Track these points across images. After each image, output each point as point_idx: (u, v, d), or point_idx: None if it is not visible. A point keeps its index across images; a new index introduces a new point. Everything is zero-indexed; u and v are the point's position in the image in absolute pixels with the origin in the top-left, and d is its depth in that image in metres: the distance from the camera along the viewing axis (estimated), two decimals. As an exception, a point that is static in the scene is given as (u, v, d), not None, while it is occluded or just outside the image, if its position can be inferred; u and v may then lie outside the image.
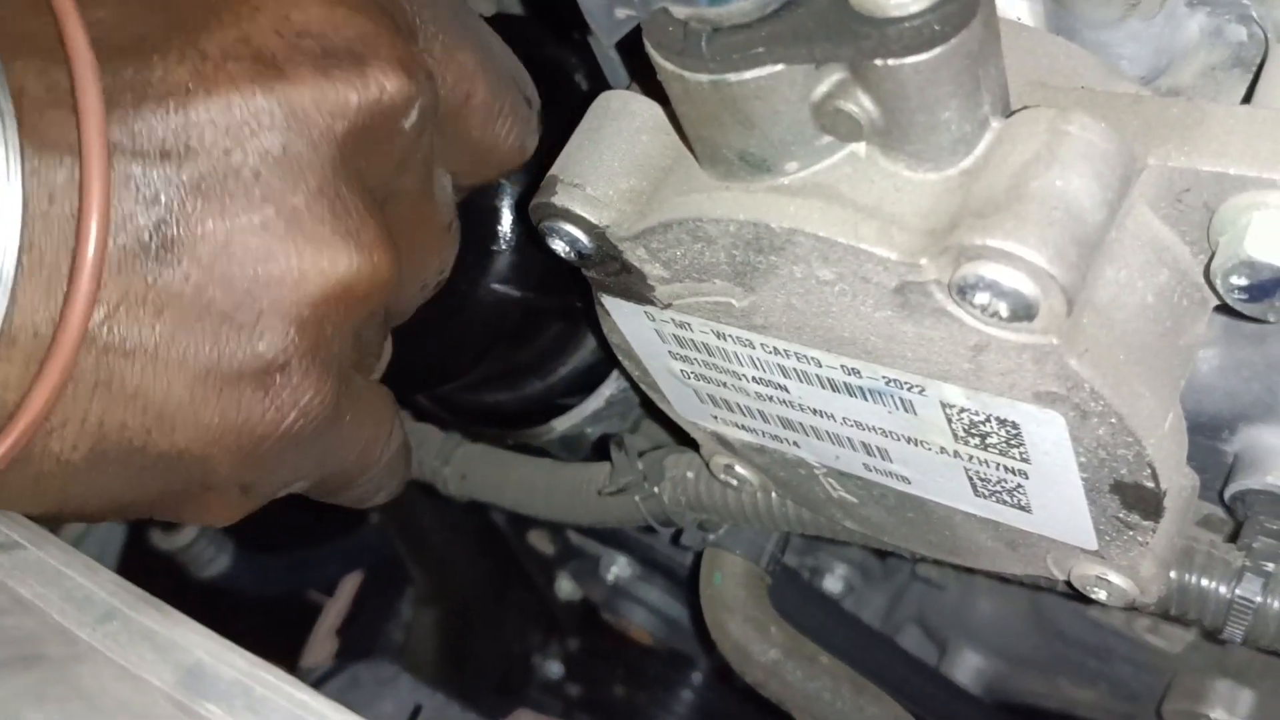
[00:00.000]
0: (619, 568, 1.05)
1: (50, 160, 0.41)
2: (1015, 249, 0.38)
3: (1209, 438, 0.64)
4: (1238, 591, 0.58)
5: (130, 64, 0.42)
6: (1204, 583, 0.59)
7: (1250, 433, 0.62)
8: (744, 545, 0.76)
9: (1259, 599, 0.58)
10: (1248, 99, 0.44)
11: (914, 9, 0.37)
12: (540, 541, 1.17)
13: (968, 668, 1.17)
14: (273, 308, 0.45)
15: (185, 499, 0.49)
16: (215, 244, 0.44)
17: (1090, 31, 0.46)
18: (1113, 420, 0.43)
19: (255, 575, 1.53)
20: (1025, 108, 0.41)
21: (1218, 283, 0.41)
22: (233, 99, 0.43)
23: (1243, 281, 0.40)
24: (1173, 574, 0.59)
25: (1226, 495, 0.63)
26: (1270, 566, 0.58)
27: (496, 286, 0.69)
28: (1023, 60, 0.46)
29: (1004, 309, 0.40)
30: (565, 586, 1.19)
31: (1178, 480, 0.47)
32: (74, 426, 0.44)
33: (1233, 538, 0.62)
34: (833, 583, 1.14)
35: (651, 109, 0.50)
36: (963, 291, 0.40)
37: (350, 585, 1.63)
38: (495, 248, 0.68)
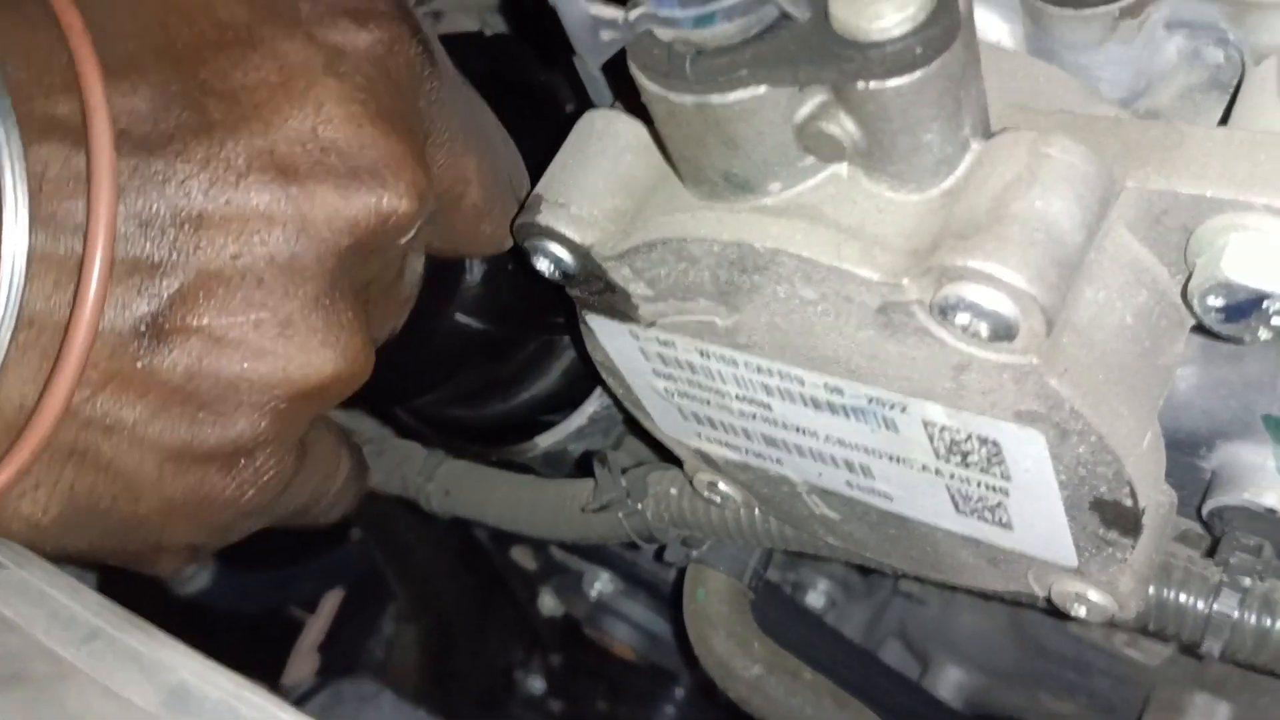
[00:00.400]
0: (602, 584, 1.05)
1: (58, 244, 0.42)
2: (996, 270, 0.39)
3: (1187, 454, 0.65)
4: (1215, 606, 0.59)
5: (155, 160, 0.44)
6: (1182, 598, 0.59)
7: (1228, 450, 0.63)
8: (727, 561, 0.77)
9: (1236, 614, 0.58)
10: (1224, 121, 0.45)
11: (896, 33, 0.38)
12: (523, 557, 1.17)
13: (949, 682, 1.18)
14: (251, 401, 0.47)
15: (138, 555, 0.52)
16: (208, 338, 0.45)
17: (1070, 54, 0.46)
18: (1092, 439, 0.43)
19: (236, 592, 1.53)
20: (1006, 130, 0.42)
21: (1195, 303, 0.41)
22: (249, 207, 0.44)
23: (1219, 302, 0.41)
24: (1151, 590, 0.59)
25: (1204, 511, 0.63)
26: (1247, 582, 0.59)
27: (460, 317, 0.69)
28: (1004, 83, 0.46)
29: (985, 329, 0.40)
30: (548, 602, 1.19)
31: (1156, 497, 0.48)
32: (46, 491, 0.45)
33: (1210, 553, 0.62)
34: (815, 598, 1.14)
35: (636, 129, 0.51)
36: (944, 312, 0.41)
37: (332, 602, 1.62)
38: (467, 279, 0.69)
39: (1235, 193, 0.40)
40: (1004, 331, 0.40)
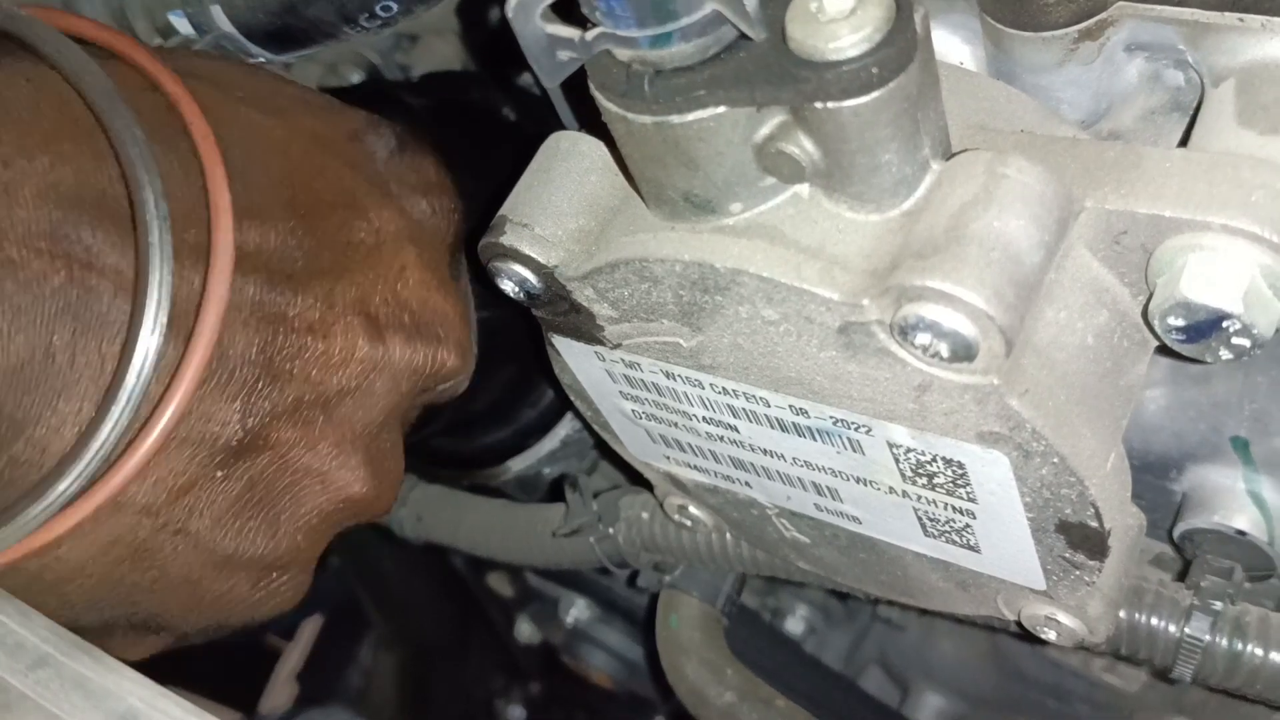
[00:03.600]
0: (578, 610, 1.05)
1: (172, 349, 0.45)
2: (954, 290, 0.39)
3: (1158, 477, 0.65)
4: (1186, 630, 0.58)
5: (273, 291, 0.48)
6: (1153, 622, 0.59)
7: (1198, 472, 0.63)
8: (700, 587, 0.76)
9: (1207, 637, 0.58)
10: (1184, 142, 0.45)
11: (852, 54, 0.38)
12: (499, 584, 1.16)
13: (929, 709, 1.17)
14: (298, 516, 0.51)
15: (126, 635, 0.53)
16: (278, 456, 0.49)
17: (1030, 76, 0.47)
18: (1055, 460, 0.43)
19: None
20: (965, 151, 0.42)
21: (1156, 324, 0.41)
22: (341, 346, 0.50)
23: (1179, 322, 0.40)
24: (1122, 613, 0.59)
25: (1175, 534, 0.63)
26: (1218, 605, 0.59)
27: None
28: (964, 104, 0.46)
29: (944, 349, 0.40)
30: (525, 629, 1.18)
31: (1124, 520, 0.48)
32: (97, 578, 0.47)
33: (1182, 576, 0.62)
34: (794, 624, 1.14)
35: (600, 150, 0.51)
36: (904, 332, 0.40)
37: (310, 629, 1.60)
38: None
39: (1193, 213, 0.40)
40: (963, 351, 0.40)
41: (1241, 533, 0.60)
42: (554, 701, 1.36)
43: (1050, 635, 0.54)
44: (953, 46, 0.49)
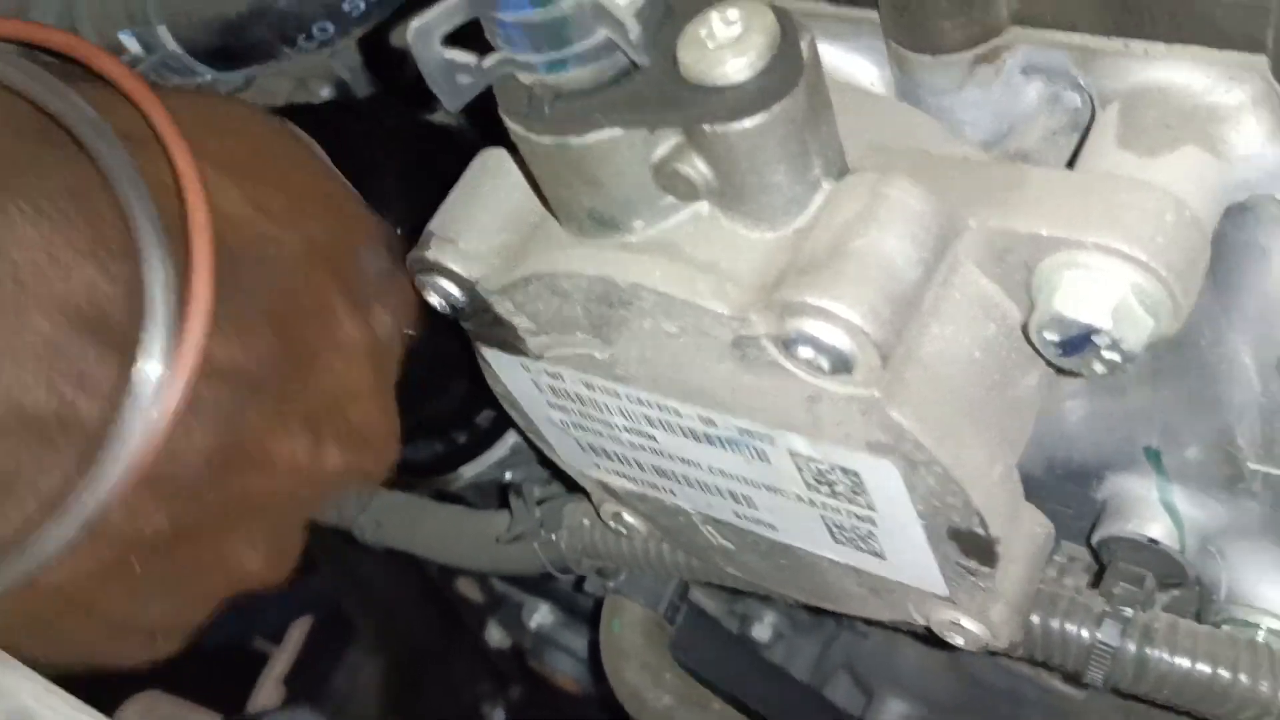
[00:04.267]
0: (541, 615, 1.06)
1: None
2: (831, 305, 0.40)
3: (1080, 485, 0.66)
4: (1098, 636, 0.60)
5: (234, 399, 0.49)
6: (1066, 627, 0.60)
7: (1116, 481, 0.65)
8: (643, 592, 0.78)
9: (1117, 644, 0.59)
10: (1072, 163, 0.47)
11: (737, 79, 0.40)
12: (469, 589, 1.18)
13: (892, 714, 1.18)
14: (194, 594, 0.54)
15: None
16: (196, 548, 0.51)
17: (933, 98, 0.48)
18: (938, 470, 0.44)
19: (192, 622, 1.52)
20: (854, 171, 0.44)
21: (1034, 338, 0.43)
22: (285, 454, 0.52)
23: (1054, 337, 0.42)
24: (1036, 619, 0.61)
25: (1093, 541, 0.65)
26: (1129, 612, 0.60)
27: None
28: (866, 125, 0.48)
29: (825, 363, 0.42)
30: (495, 634, 1.19)
31: (1016, 528, 0.49)
32: None
33: (1097, 583, 0.64)
34: (761, 630, 1.15)
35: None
36: (788, 346, 0.42)
37: (299, 632, 1.62)
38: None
39: (1068, 231, 0.41)
40: (842, 364, 0.41)
41: (1154, 541, 0.62)
42: (532, 704, 1.37)
43: (958, 640, 0.56)
44: (862, 69, 0.51)
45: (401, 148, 0.75)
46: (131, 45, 0.61)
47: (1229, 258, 0.49)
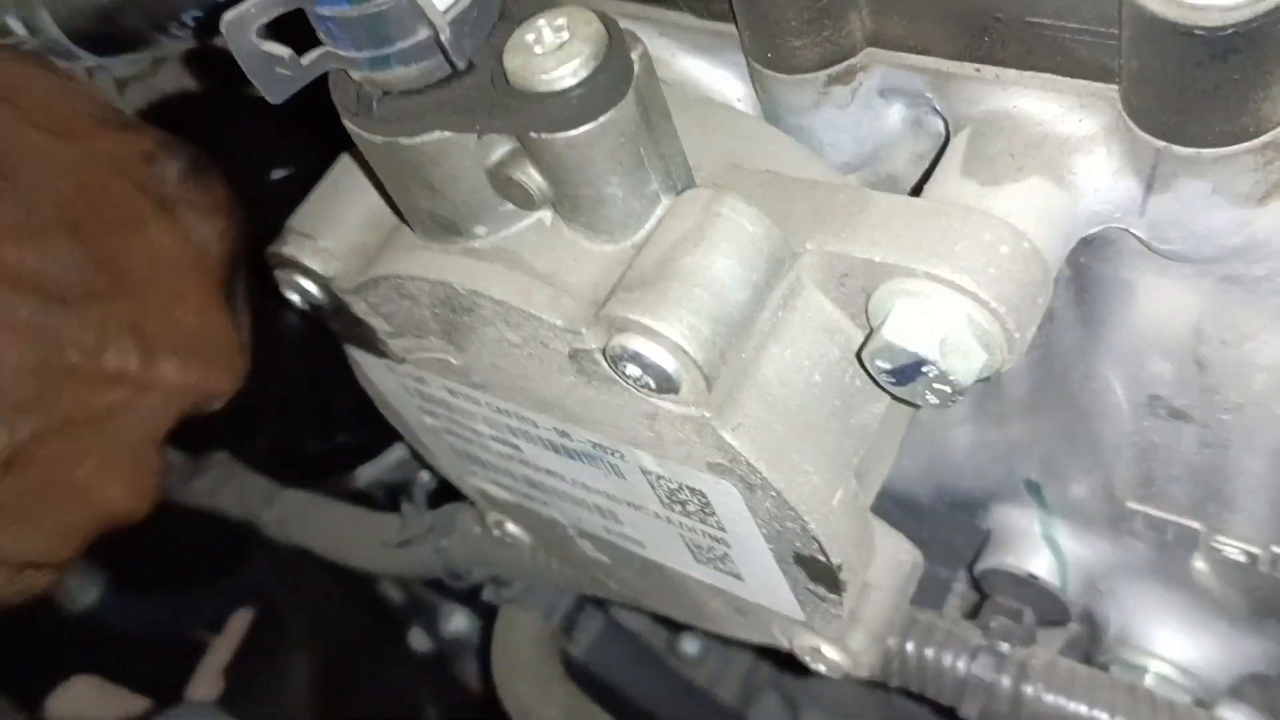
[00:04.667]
0: (456, 621, 1.05)
1: None
2: (652, 324, 0.39)
3: (968, 514, 0.65)
4: (973, 669, 0.59)
5: (50, 314, 0.49)
6: (941, 659, 0.59)
7: (1001, 512, 0.64)
8: (538, 602, 0.77)
9: (991, 678, 0.58)
10: (918, 190, 0.45)
11: (560, 86, 0.39)
12: (391, 591, 1.17)
13: (816, 733, 1.17)
14: (57, 525, 0.53)
15: None
16: (44, 470, 0.50)
17: (791, 117, 0.47)
18: (773, 494, 0.43)
19: (129, 610, 1.51)
20: (691, 188, 0.43)
21: (868, 365, 0.42)
22: (114, 365, 0.51)
23: (886, 365, 0.41)
24: (910, 648, 0.60)
25: (975, 572, 0.64)
26: (1005, 646, 0.59)
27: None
28: (724, 142, 0.47)
29: (651, 381, 0.41)
30: (417, 638, 1.18)
31: (861, 555, 0.48)
32: None
33: (975, 615, 0.62)
34: (689, 644, 1.14)
35: (389, 167, 0.51)
36: (616, 362, 0.41)
37: (239, 623, 1.60)
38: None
39: (900, 259, 0.40)
40: (666, 384, 0.40)
41: (1033, 576, 0.61)
42: (464, 709, 1.36)
43: (819, 667, 0.55)
44: (730, 85, 0.50)
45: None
46: (17, 28, 0.60)
47: (1094, 292, 0.48)
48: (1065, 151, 0.42)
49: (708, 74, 0.50)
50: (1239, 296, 0.44)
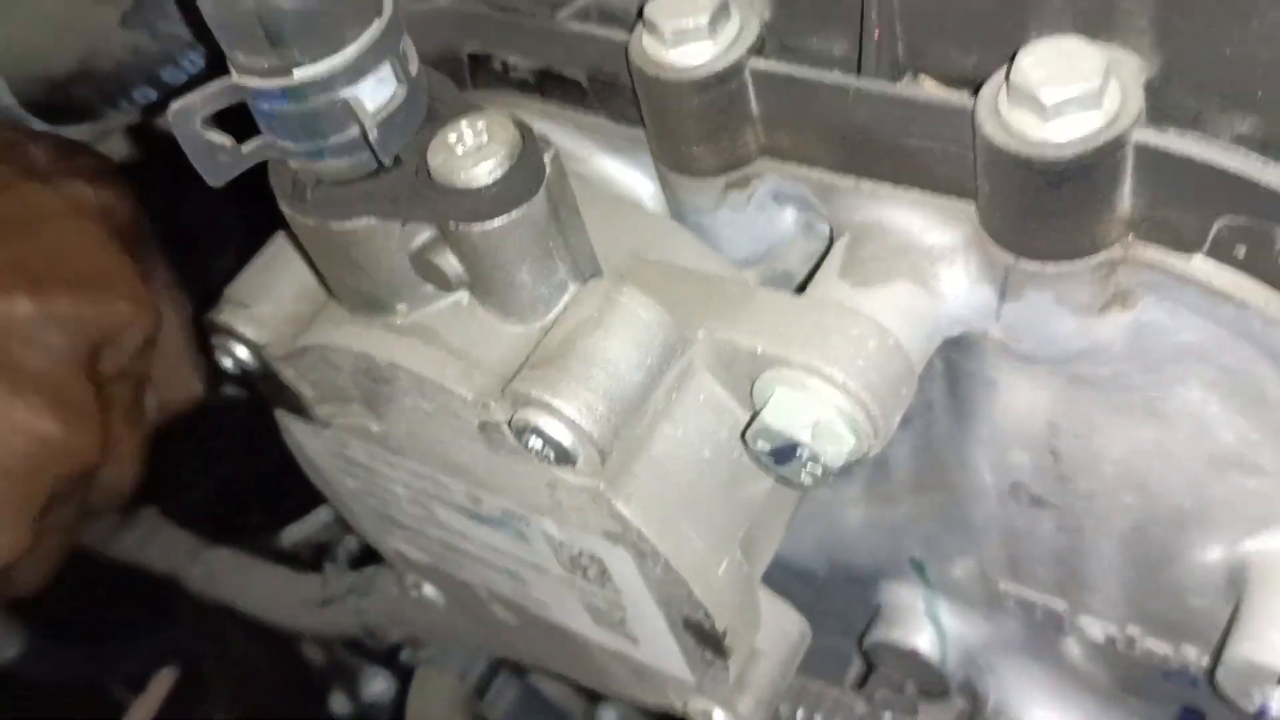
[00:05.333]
0: (377, 685, 1.07)
1: None
2: (552, 400, 0.43)
3: (859, 588, 0.69)
4: (856, 737, 0.62)
5: None
6: (826, 727, 0.63)
7: (890, 588, 0.68)
8: (453, 664, 0.79)
9: (871, 746, 0.62)
10: (803, 286, 0.50)
11: (478, 184, 0.43)
12: (312, 652, 1.18)
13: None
14: None
15: None
16: None
17: (694, 216, 0.52)
18: (662, 561, 0.47)
19: (51, 664, 1.50)
20: (595, 278, 0.47)
21: (749, 446, 0.46)
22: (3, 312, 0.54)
23: (765, 446, 0.45)
24: (800, 714, 0.63)
25: (864, 645, 0.68)
26: (888, 715, 0.63)
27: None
28: (630, 236, 0.51)
29: (551, 453, 0.44)
30: (338, 701, 1.19)
31: (747, 622, 0.52)
32: None
33: (863, 684, 0.66)
34: (607, 714, 1.16)
35: (324, 243, 0.55)
36: (520, 434, 0.45)
37: (163, 682, 1.59)
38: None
39: (780, 350, 0.44)
40: (564, 456, 0.44)
41: (914, 651, 0.64)
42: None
43: (711, 731, 0.58)
44: (640, 183, 0.55)
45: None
46: (-30, 90, 0.63)
47: (964, 385, 0.53)
48: (930, 260, 0.46)
49: (620, 172, 0.54)
50: (1087, 394, 0.49)
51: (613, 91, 0.52)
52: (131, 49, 0.58)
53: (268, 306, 0.55)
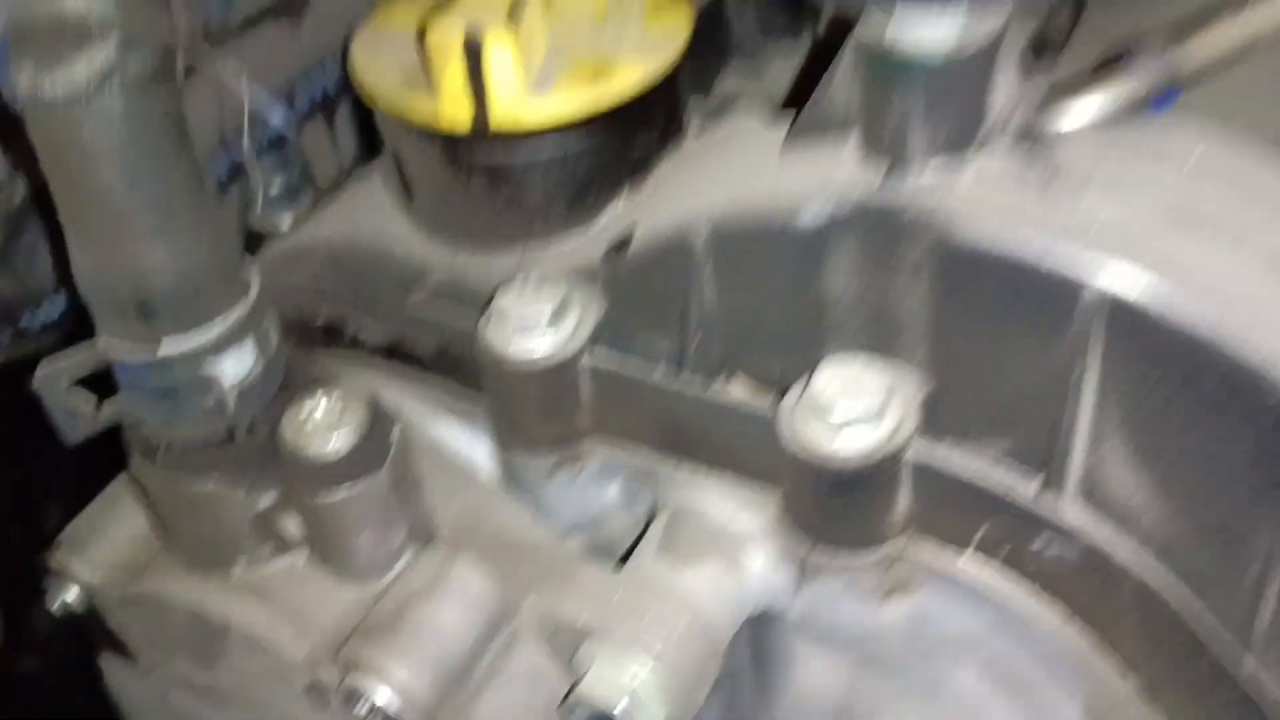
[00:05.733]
0: None
1: None
2: (382, 667, 0.45)
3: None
4: None
5: None
6: None
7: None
8: None
9: None
10: (627, 554, 0.54)
11: (325, 459, 0.46)
12: None
13: None
14: None
15: None
16: None
17: (527, 486, 0.56)
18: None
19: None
20: (431, 546, 0.50)
21: (568, 717, 0.49)
22: None
23: (582, 716, 0.48)
24: None
25: None
26: None
27: None
28: (466, 505, 0.55)
29: (378, 717, 0.46)
30: None
31: None
32: None
33: None
34: None
35: (165, 491, 0.57)
36: (347, 700, 0.47)
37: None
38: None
39: (600, 624, 0.48)
40: (391, 720, 0.46)
41: None
42: None
43: None
44: (477, 449, 0.58)
45: None
46: None
47: (766, 660, 0.57)
48: (738, 543, 0.51)
49: (458, 437, 0.58)
50: (874, 675, 0.54)
51: (456, 367, 0.56)
52: (-10, 292, 0.60)
53: (103, 551, 0.56)
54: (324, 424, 0.46)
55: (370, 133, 0.60)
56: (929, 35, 0.41)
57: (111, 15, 0.39)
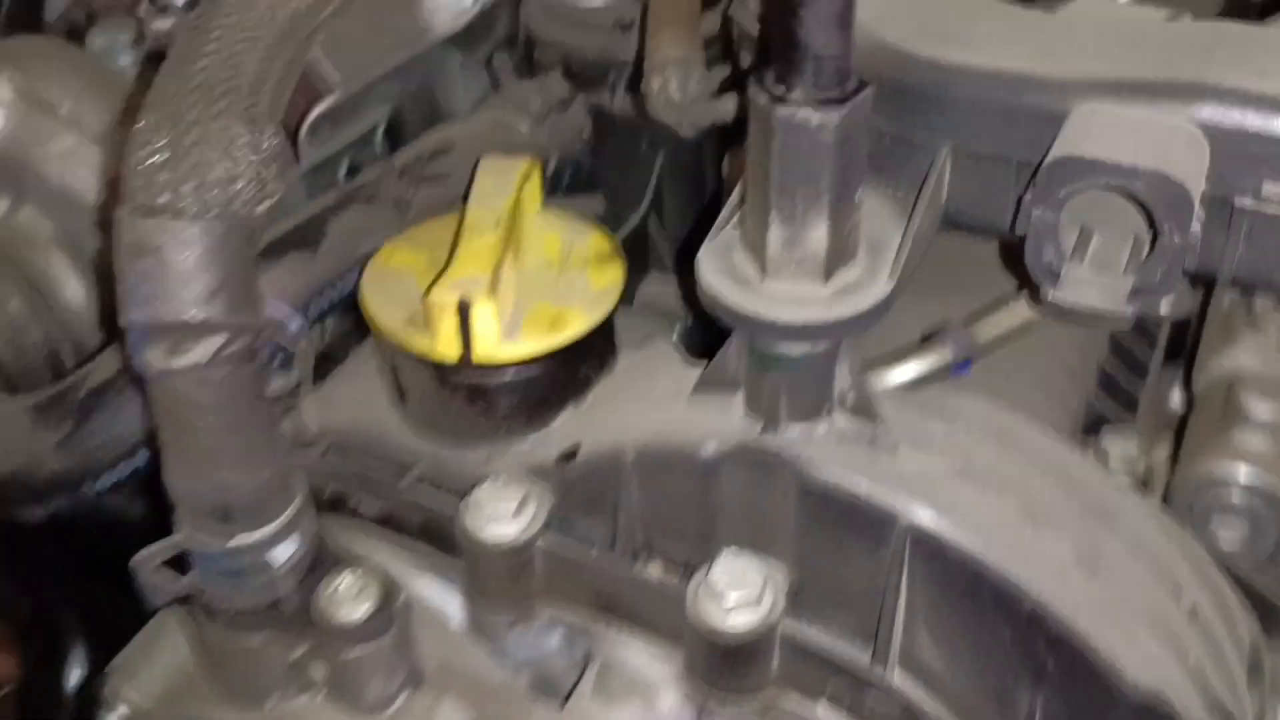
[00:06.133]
0: None
1: None
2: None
3: None
4: None
5: None
6: None
7: None
8: None
9: None
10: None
11: (349, 623, 0.62)
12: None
13: None
14: None
15: None
16: None
17: (491, 636, 0.72)
18: None
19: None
20: (423, 687, 0.66)
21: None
22: None
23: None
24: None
25: None
26: None
27: None
28: (443, 650, 0.71)
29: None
30: None
31: None
32: None
33: None
34: None
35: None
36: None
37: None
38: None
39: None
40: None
41: None
42: None
43: None
44: (451, 606, 0.74)
45: None
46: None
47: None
48: (655, 689, 0.68)
49: (438, 595, 0.74)
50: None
51: (437, 537, 0.73)
52: (61, 469, 0.75)
53: (151, 679, 0.71)
54: (347, 595, 0.62)
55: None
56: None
57: (220, 320, 0.55)
